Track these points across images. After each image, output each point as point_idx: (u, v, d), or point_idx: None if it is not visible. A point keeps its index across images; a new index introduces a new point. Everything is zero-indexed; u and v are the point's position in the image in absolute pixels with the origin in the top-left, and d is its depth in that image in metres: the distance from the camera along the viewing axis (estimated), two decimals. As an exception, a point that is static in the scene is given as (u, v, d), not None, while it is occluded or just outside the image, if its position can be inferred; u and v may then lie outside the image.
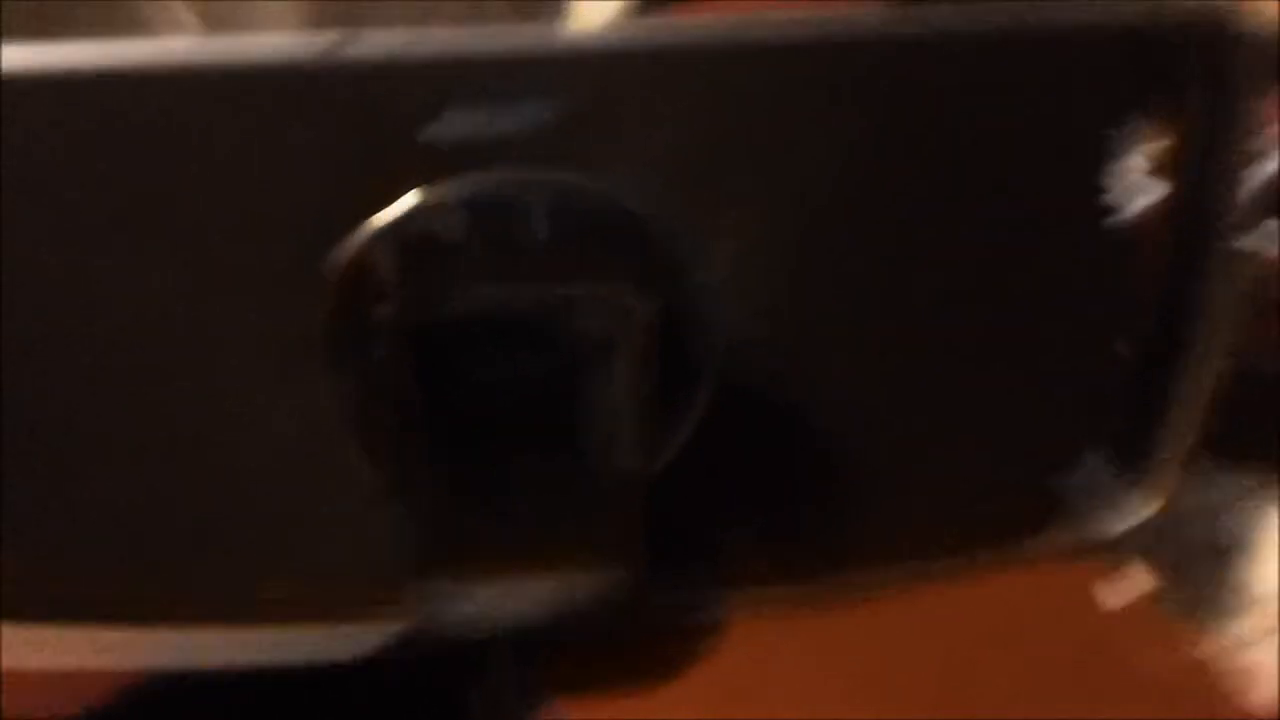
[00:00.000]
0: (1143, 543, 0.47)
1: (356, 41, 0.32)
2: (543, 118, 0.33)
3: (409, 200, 0.33)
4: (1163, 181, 0.43)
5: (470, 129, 0.33)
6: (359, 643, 0.38)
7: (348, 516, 0.36)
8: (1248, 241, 0.43)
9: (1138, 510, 0.44)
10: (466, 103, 0.33)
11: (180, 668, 0.39)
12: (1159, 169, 0.44)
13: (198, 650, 0.38)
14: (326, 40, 0.32)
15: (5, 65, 0.31)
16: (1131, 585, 0.44)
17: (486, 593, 0.35)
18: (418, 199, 0.33)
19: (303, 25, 0.70)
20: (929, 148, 0.37)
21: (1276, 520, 0.51)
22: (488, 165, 0.33)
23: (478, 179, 0.33)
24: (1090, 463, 0.44)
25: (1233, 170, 0.41)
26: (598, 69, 0.34)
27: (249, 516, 0.37)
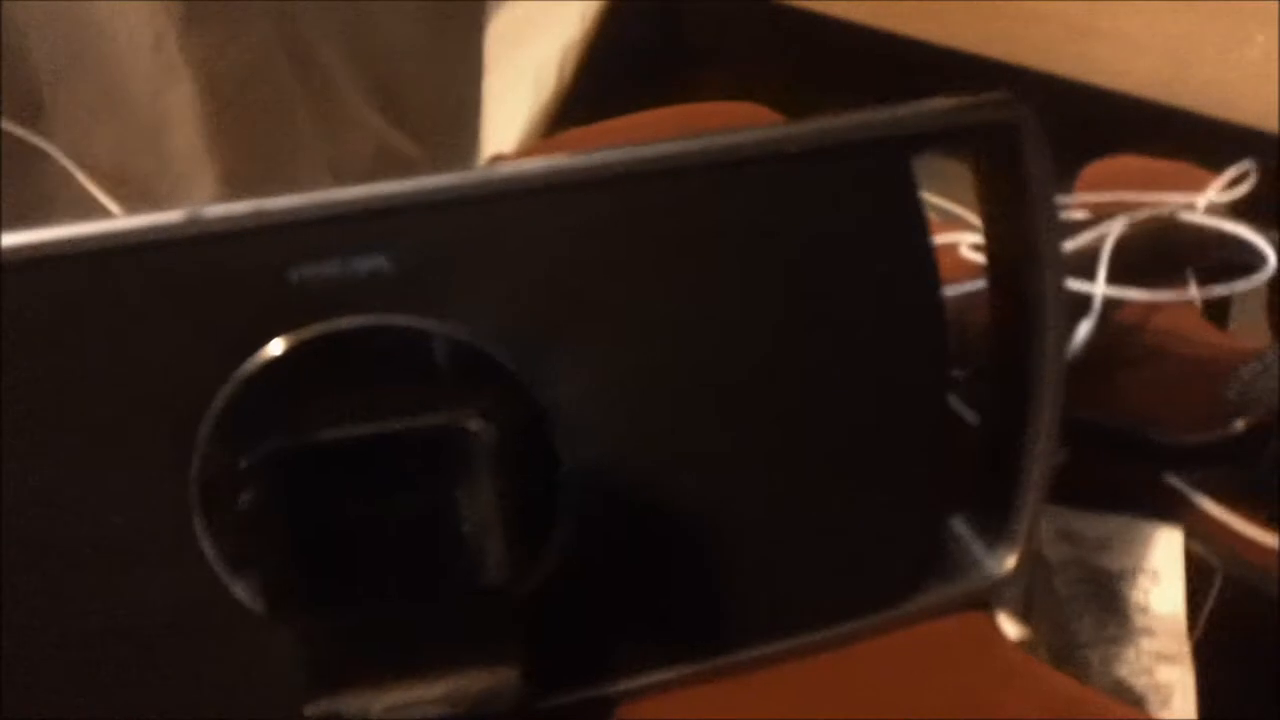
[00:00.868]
0: (1012, 595, 0.50)
1: (210, 208, 0.36)
2: (387, 265, 0.37)
3: (266, 351, 0.36)
4: (981, 257, 0.47)
5: (321, 279, 0.36)
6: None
7: (245, 648, 0.39)
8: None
9: (1003, 564, 0.47)
10: (315, 256, 0.36)
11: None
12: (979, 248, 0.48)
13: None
14: (184, 211, 0.36)
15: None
16: (1002, 636, 0.46)
17: (382, 701, 0.38)
18: (273, 349, 0.36)
19: (221, 181, 0.74)
20: (748, 262, 0.41)
21: (1169, 545, 0.54)
22: (340, 312, 0.36)
23: (331, 325, 0.37)
24: (955, 526, 0.48)
25: (1049, 235, 0.44)
26: (435, 217, 0.38)
27: (155, 659, 0.40)
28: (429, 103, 0.87)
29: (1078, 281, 0.58)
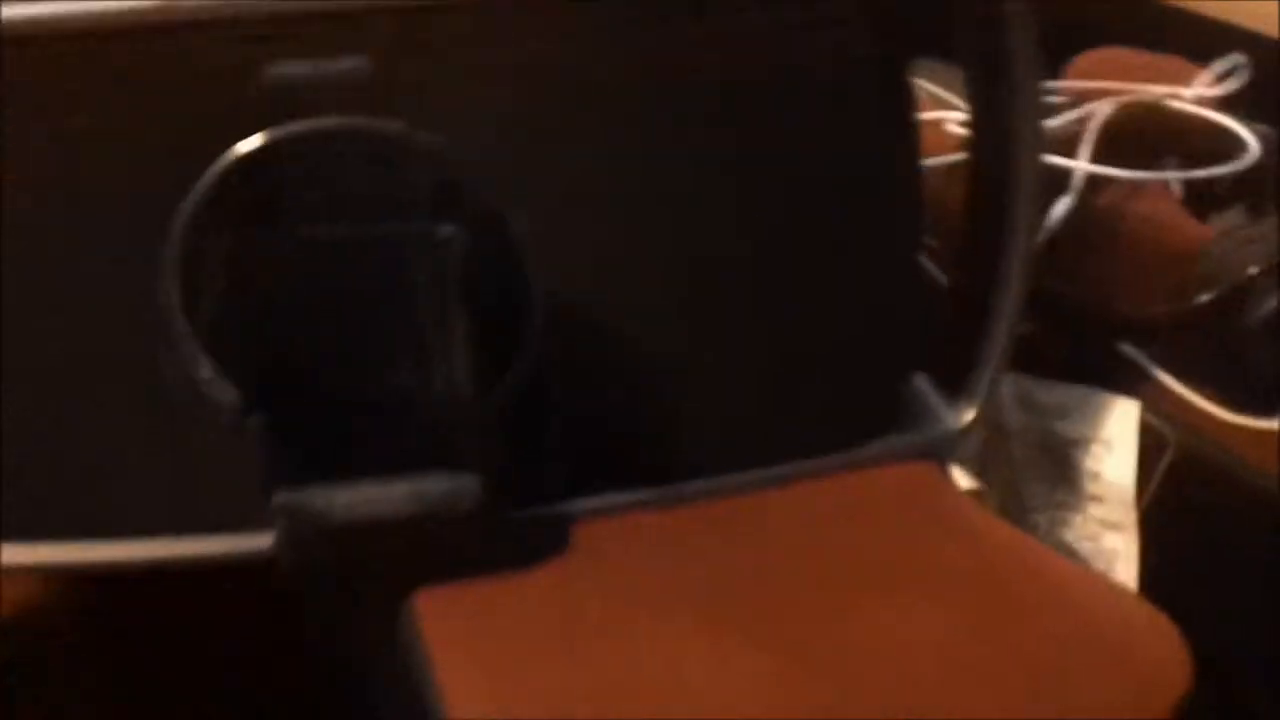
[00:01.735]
0: (968, 454, 0.52)
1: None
2: (366, 68, 0.38)
3: (243, 146, 0.37)
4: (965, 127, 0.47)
5: (299, 78, 0.37)
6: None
7: (218, 441, 0.40)
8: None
9: (960, 418, 0.48)
10: (293, 54, 0.37)
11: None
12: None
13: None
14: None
15: None
16: (953, 486, 0.48)
17: (344, 497, 0.39)
18: (250, 144, 0.37)
19: None
20: (733, 102, 0.42)
21: (1124, 416, 0.55)
22: (315, 113, 0.37)
23: (309, 125, 0.37)
24: (918, 381, 0.49)
25: (1029, 114, 0.45)
26: (417, 22, 0.38)
27: (126, 449, 0.41)
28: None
29: (1061, 160, 0.59)
